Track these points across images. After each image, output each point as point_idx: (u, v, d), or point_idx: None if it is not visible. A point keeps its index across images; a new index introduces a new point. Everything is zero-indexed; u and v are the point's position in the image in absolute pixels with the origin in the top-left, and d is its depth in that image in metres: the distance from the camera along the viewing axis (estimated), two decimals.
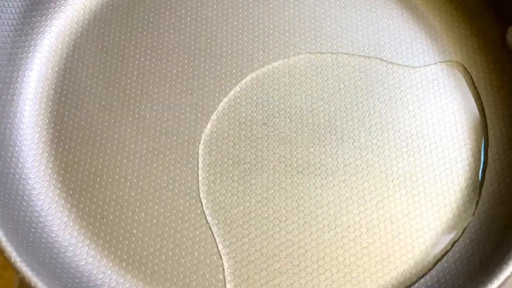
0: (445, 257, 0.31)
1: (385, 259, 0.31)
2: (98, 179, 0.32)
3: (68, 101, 0.34)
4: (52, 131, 0.33)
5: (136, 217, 0.31)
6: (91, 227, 0.31)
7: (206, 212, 0.32)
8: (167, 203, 0.32)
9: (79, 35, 0.36)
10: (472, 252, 0.30)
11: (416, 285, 0.30)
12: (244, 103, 0.34)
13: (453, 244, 0.31)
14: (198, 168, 0.33)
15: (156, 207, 0.32)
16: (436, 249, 0.31)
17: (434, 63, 0.35)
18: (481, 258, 0.30)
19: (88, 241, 0.31)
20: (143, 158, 0.33)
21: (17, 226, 0.29)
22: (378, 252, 0.31)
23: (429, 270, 0.30)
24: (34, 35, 0.35)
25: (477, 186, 0.32)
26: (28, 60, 0.35)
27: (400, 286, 0.30)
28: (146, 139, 0.33)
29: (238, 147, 0.33)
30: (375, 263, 0.31)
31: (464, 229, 0.31)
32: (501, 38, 0.36)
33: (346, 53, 0.35)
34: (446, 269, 0.30)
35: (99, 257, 0.31)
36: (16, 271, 0.27)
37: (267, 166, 0.33)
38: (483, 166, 0.33)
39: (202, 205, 0.32)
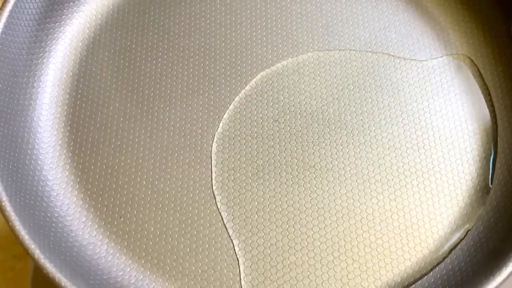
0: (459, 245, 0.31)
1: (399, 249, 0.31)
2: (114, 180, 0.33)
3: (83, 105, 0.35)
4: (68, 134, 0.34)
5: (153, 215, 0.32)
6: (109, 226, 0.32)
7: (221, 208, 0.32)
8: (183, 201, 0.32)
9: (92, 40, 0.37)
10: (486, 239, 0.31)
11: (431, 273, 0.30)
12: (255, 102, 0.35)
13: (466, 232, 0.31)
14: (212, 166, 0.33)
15: (172, 205, 0.32)
16: (450, 238, 0.31)
17: (441, 56, 0.36)
18: (494, 244, 0.30)
19: (107, 239, 0.32)
20: (158, 158, 0.33)
21: (38, 226, 0.30)
22: (392, 242, 0.31)
23: (444, 258, 0.31)
24: (49, 42, 0.36)
25: (487, 176, 0.33)
26: (43, 66, 0.35)
27: (416, 274, 0.31)
28: (160, 140, 0.34)
29: (250, 144, 0.34)
30: (390, 253, 0.31)
31: (477, 218, 0.32)
32: (507, 30, 0.36)
33: (354, 50, 0.36)
34: (461, 256, 0.31)
35: (118, 255, 0.31)
36: (41, 268, 0.27)
37: (279, 162, 0.33)
38: (493, 156, 0.33)
39: (216, 202, 0.32)
